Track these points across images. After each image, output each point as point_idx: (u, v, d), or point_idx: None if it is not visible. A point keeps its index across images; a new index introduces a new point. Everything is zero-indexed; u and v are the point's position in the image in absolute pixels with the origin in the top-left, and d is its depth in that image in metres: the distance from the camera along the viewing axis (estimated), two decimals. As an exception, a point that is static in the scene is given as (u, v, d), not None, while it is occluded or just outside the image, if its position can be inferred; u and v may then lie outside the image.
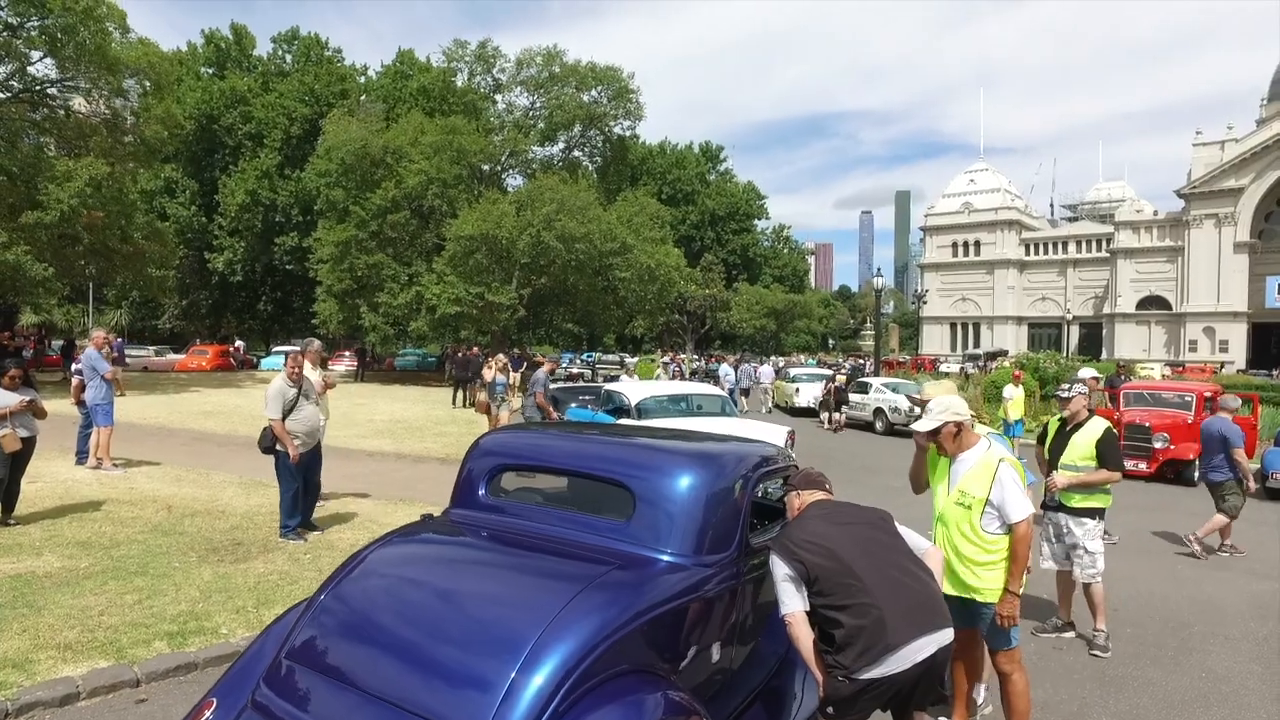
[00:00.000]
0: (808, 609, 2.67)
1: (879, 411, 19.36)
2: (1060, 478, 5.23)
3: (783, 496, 3.33)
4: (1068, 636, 5.29)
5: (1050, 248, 74.85)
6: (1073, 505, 5.23)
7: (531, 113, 40.65)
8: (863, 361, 42.15)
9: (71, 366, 12.97)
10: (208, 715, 2.55)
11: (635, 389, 11.53)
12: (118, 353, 16.78)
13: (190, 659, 4.27)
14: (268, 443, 6.78)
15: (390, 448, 13.27)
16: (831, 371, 26.22)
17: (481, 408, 15.23)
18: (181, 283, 42.24)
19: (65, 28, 22.41)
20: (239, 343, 46.75)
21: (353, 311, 33.87)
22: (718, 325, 65.56)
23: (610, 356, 47.86)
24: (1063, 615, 5.44)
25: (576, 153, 42.51)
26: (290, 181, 40.84)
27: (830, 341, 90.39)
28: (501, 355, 15.75)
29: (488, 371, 14.58)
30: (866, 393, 20.17)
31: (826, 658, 2.61)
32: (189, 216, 43.01)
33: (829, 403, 20.30)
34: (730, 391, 21.41)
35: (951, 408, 3.57)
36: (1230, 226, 59.40)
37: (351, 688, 2.35)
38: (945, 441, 3.59)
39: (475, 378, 19.22)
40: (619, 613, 2.46)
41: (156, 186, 41.97)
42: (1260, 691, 4.55)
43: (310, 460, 7.08)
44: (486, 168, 37.10)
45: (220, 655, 4.32)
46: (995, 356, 49.80)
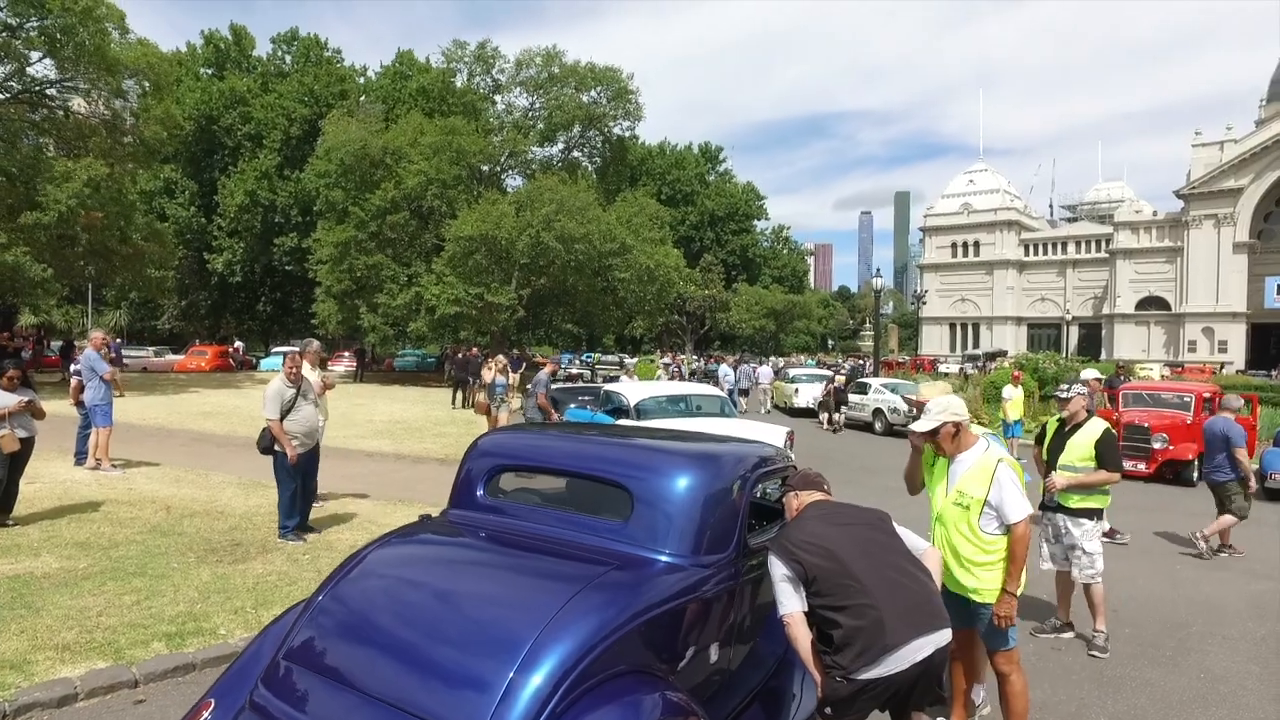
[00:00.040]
0: (806, 609, 2.67)
1: (878, 412, 19.36)
2: (1059, 478, 5.23)
3: (781, 497, 3.33)
4: (1066, 637, 5.30)
5: (1049, 248, 74.84)
6: (1071, 506, 5.24)
7: (531, 113, 40.66)
8: (862, 362, 42.21)
9: (70, 367, 12.98)
10: (206, 716, 2.55)
11: (634, 389, 11.53)
12: (114, 353, 16.78)
13: (188, 660, 4.27)
14: (266, 443, 6.78)
15: (389, 448, 13.27)
16: (831, 372, 26.25)
17: (481, 408, 15.22)
18: (181, 283, 42.24)
19: (64, 28, 22.38)
20: (238, 343, 46.68)
21: (352, 312, 33.82)
22: (717, 326, 65.53)
23: (609, 357, 47.87)
24: (1061, 616, 5.44)
25: (576, 153, 42.56)
26: (289, 182, 40.80)
27: (829, 342, 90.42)
28: (501, 356, 15.72)
29: (487, 372, 14.57)
30: (866, 393, 20.18)
31: (825, 658, 2.61)
32: (188, 217, 42.97)
33: (828, 403, 20.31)
34: (729, 392, 21.43)
35: (950, 408, 3.57)
36: (1229, 227, 59.41)
37: (350, 688, 2.35)
38: (944, 442, 3.59)
39: (474, 378, 19.20)
40: (617, 613, 2.46)
41: (156, 187, 41.96)
42: (1258, 691, 4.56)
43: (308, 461, 7.08)
44: (486, 168, 37.07)
45: (218, 656, 4.31)
46: (994, 357, 49.78)
